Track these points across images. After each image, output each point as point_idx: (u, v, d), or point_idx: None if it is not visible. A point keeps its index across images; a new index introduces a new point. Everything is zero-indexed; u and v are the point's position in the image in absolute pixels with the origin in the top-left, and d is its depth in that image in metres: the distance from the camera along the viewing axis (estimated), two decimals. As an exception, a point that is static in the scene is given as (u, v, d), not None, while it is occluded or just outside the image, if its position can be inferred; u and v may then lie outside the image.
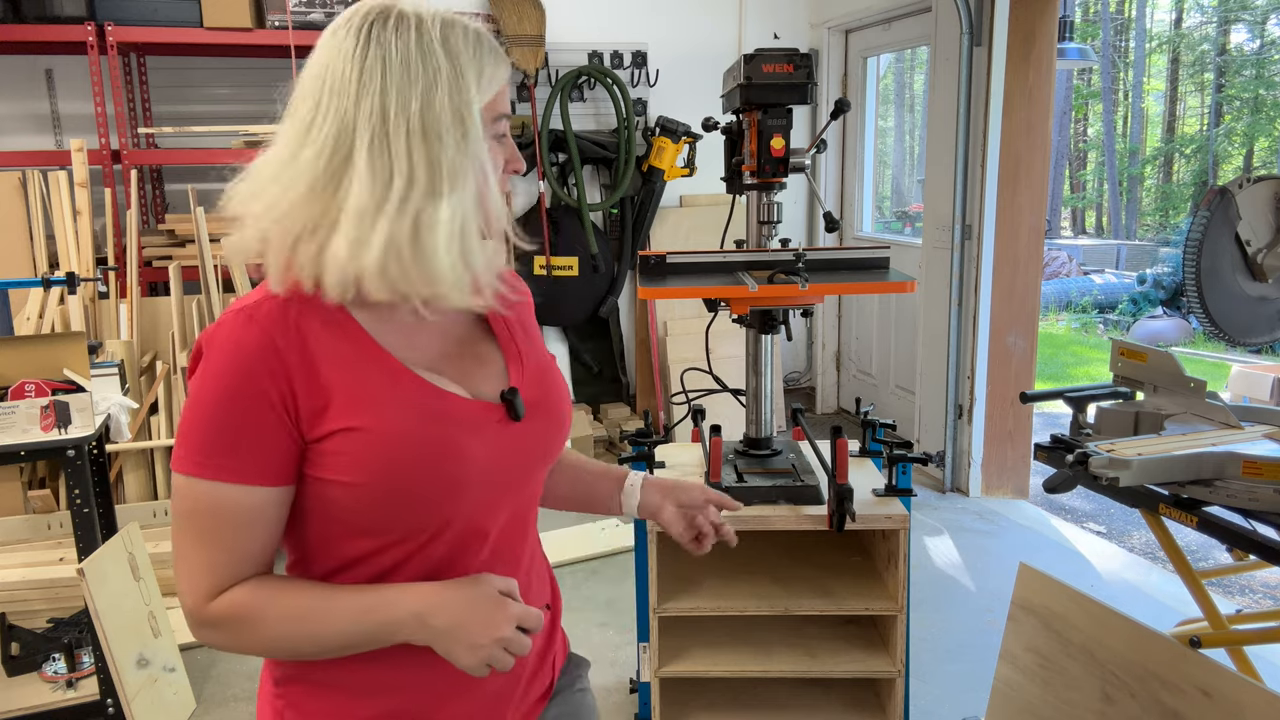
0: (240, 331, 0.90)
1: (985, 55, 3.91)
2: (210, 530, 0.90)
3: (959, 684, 2.69)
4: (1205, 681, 1.55)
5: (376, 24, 0.91)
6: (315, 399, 0.90)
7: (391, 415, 0.91)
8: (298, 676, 1.00)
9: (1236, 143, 19.30)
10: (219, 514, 0.90)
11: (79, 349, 2.52)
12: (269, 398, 0.88)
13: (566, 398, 1.10)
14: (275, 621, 0.91)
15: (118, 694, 2.31)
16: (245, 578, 0.92)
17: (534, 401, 1.02)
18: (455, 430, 0.95)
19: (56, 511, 3.26)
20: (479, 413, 0.98)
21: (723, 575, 2.20)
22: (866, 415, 2.24)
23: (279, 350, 0.89)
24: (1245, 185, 2.11)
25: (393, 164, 0.88)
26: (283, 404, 0.89)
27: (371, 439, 0.90)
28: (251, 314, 0.91)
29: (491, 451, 0.97)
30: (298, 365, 0.90)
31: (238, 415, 0.88)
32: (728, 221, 2.59)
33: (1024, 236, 4.07)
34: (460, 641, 0.90)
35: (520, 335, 1.07)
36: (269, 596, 0.91)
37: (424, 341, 0.99)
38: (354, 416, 0.90)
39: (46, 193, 3.76)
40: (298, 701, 1.00)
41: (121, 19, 3.80)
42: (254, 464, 0.89)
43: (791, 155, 2.13)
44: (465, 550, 0.98)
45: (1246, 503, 1.60)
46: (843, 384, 5.59)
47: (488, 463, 0.97)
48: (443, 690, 1.00)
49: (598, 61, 4.83)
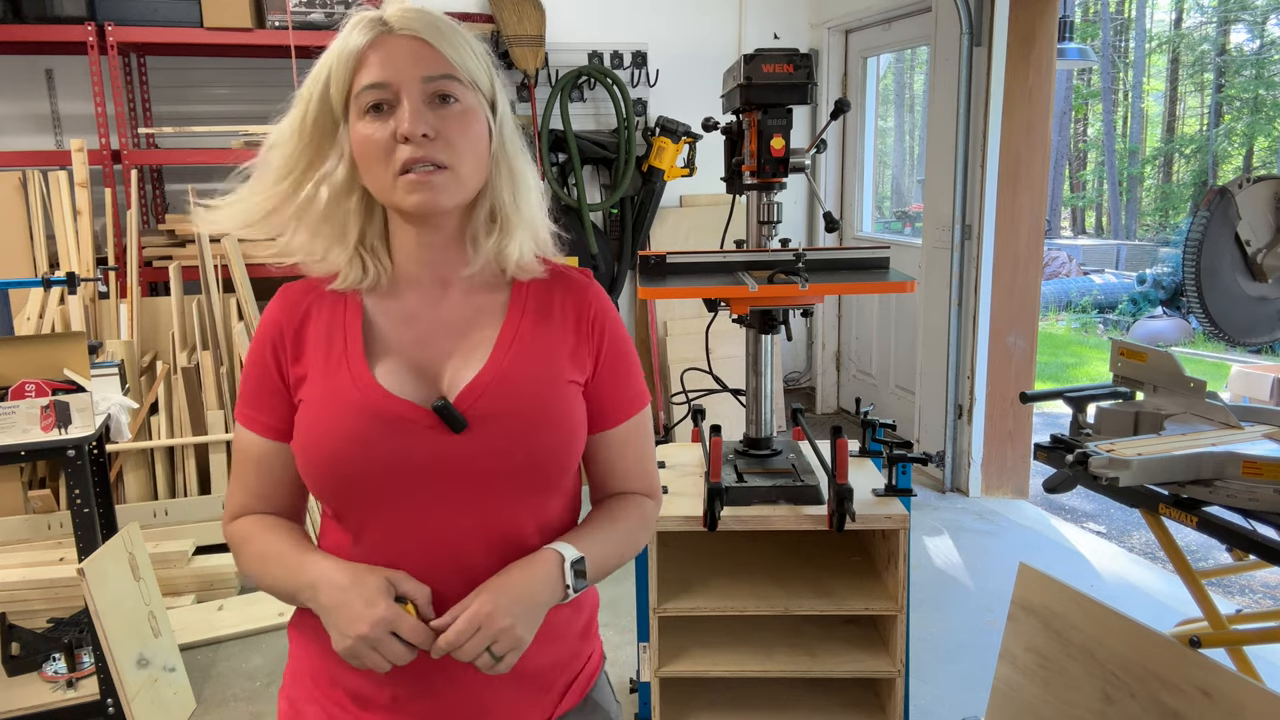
0: (271, 306, 1.07)
1: (985, 55, 3.91)
2: (238, 465, 1.08)
3: (959, 684, 2.69)
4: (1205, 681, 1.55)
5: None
6: (297, 370, 1.03)
7: (325, 396, 1.00)
8: (297, 624, 1.10)
9: (1236, 143, 19.30)
10: (242, 454, 1.07)
11: (79, 349, 2.52)
12: (270, 365, 1.04)
13: (545, 424, 1.01)
14: (251, 556, 1.05)
15: (118, 694, 2.31)
16: (256, 512, 1.07)
17: (489, 415, 0.98)
18: (373, 426, 0.97)
19: (56, 511, 3.26)
20: (406, 414, 0.98)
21: (723, 575, 2.20)
22: (866, 415, 2.24)
23: (281, 326, 1.05)
24: (1245, 185, 2.11)
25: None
26: (279, 372, 1.04)
27: (307, 413, 1.01)
28: (283, 292, 1.08)
29: (418, 457, 0.97)
30: (292, 340, 1.04)
31: (255, 375, 1.05)
32: (728, 221, 2.59)
33: (1024, 236, 4.07)
34: (333, 625, 0.94)
35: (522, 340, 1.03)
36: (255, 534, 1.05)
37: (421, 332, 1.03)
38: (308, 391, 1.02)
39: (46, 193, 3.76)
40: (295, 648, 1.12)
41: (121, 19, 3.80)
42: (262, 417, 1.05)
43: (791, 155, 2.13)
44: (402, 549, 0.99)
45: (1246, 503, 1.60)
46: (843, 384, 5.59)
47: (408, 466, 0.97)
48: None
49: (598, 61, 4.82)
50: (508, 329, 1.04)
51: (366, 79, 0.96)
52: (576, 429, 1.04)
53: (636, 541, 1.11)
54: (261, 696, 2.69)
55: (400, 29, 0.97)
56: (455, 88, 0.97)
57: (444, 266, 1.04)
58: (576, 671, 1.11)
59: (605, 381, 1.08)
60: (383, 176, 0.96)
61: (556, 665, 1.08)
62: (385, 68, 0.96)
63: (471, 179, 1.00)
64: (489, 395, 0.99)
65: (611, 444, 1.11)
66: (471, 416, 0.98)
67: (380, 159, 0.96)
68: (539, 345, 1.04)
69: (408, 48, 0.97)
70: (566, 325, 1.06)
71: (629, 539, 1.10)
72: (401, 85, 0.95)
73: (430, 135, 0.95)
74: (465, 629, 0.92)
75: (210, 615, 3.10)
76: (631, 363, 1.12)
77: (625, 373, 1.10)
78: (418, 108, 0.95)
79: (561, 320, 1.06)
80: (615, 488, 1.13)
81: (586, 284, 1.10)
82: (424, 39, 0.97)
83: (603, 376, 1.08)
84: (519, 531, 1.02)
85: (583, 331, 1.07)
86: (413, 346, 1.02)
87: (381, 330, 1.03)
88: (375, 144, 0.95)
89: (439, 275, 1.05)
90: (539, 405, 1.01)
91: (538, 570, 0.98)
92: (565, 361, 1.05)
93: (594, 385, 1.07)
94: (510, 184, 1.04)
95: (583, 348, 1.06)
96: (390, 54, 0.96)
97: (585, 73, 4.67)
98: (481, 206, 1.04)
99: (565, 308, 1.07)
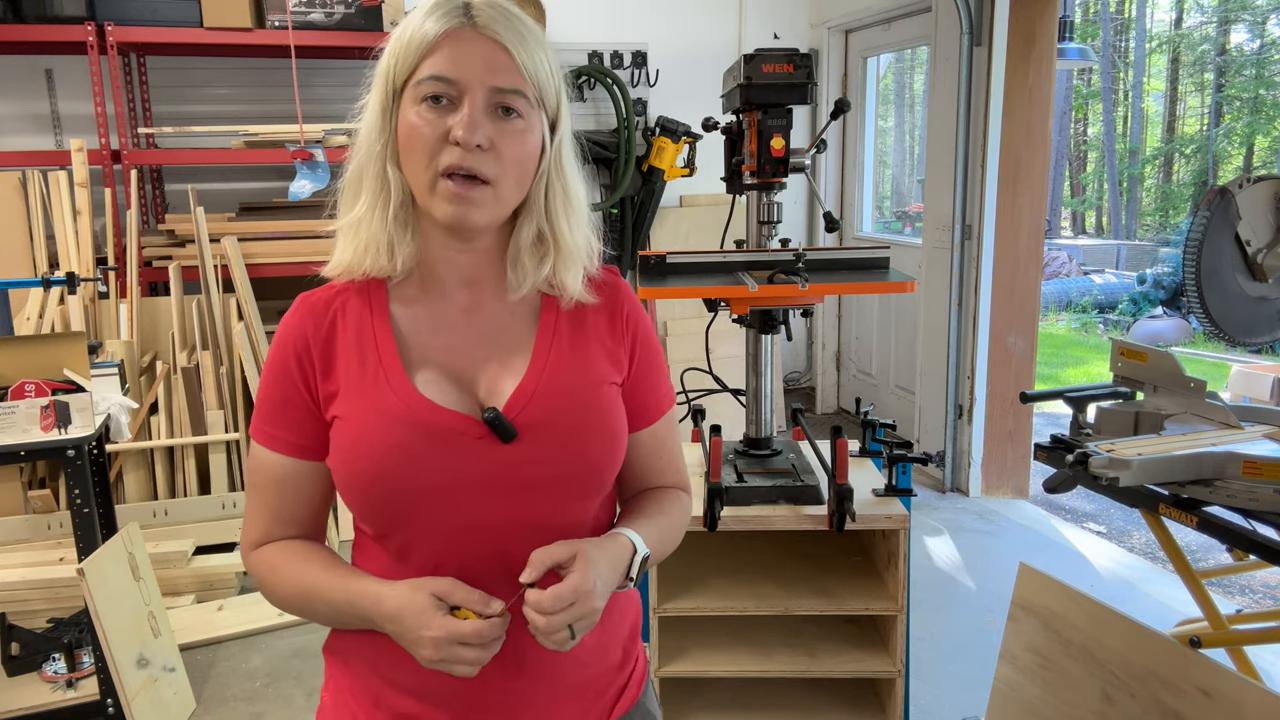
0: (290, 316, 1.01)
1: (985, 55, 3.91)
2: (257, 488, 1.01)
3: (959, 684, 2.69)
4: (1205, 681, 1.55)
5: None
6: (328, 386, 0.97)
7: (364, 410, 0.95)
8: (332, 647, 1.06)
9: (1236, 143, 19.29)
10: (262, 475, 1.01)
11: (79, 349, 2.52)
12: (297, 380, 0.98)
13: (591, 429, 0.99)
14: (285, 585, 0.99)
15: (118, 694, 2.31)
16: (282, 537, 1.02)
17: (536, 423, 0.96)
18: (419, 439, 0.93)
19: (56, 511, 3.26)
20: (455, 426, 0.94)
21: (723, 575, 2.20)
22: (866, 415, 2.24)
23: (307, 338, 0.98)
24: (1245, 185, 2.11)
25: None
26: (306, 388, 0.98)
27: (346, 429, 0.96)
28: (303, 301, 1.01)
29: (467, 468, 0.94)
30: (320, 354, 0.98)
31: (277, 391, 0.99)
32: (728, 221, 2.59)
33: (1024, 236, 4.07)
34: (408, 648, 0.92)
35: (561, 343, 1.01)
36: (286, 563, 0.99)
37: (453, 339, 0.99)
38: (343, 405, 0.96)
39: (46, 193, 3.76)
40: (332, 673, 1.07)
41: (121, 19, 3.79)
42: (286, 436, 0.99)
43: (791, 155, 2.13)
44: (452, 563, 0.96)
45: (1246, 503, 1.60)
46: (843, 384, 5.59)
47: (457, 479, 0.94)
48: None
49: (598, 61, 4.82)
50: (544, 334, 1.01)
51: (433, 68, 0.91)
52: (621, 431, 1.02)
53: (680, 535, 1.11)
54: (261, 696, 2.68)
55: (483, 26, 0.92)
56: (521, 104, 0.93)
57: (476, 269, 1.01)
58: (628, 676, 1.09)
59: (640, 381, 1.06)
60: (422, 173, 0.92)
61: (609, 670, 1.06)
62: (456, 64, 0.91)
63: (510, 197, 0.95)
64: (535, 403, 0.96)
65: (647, 442, 1.09)
66: (519, 425, 0.95)
67: (424, 153, 0.91)
68: (578, 349, 1.01)
69: (485, 50, 0.91)
70: (601, 325, 1.04)
71: (677, 532, 1.10)
72: (468, 87, 0.91)
73: (484, 146, 0.90)
74: (560, 599, 0.87)
75: (210, 615, 3.10)
76: (661, 360, 1.10)
77: (657, 370, 1.09)
78: (478, 114, 0.90)
79: (595, 321, 1.04)
80: (651, 483, 1.12)
81: (616, 282, 1.07)
82: (504, 43, 0.92)
83: (637, 376, 1.06)
84: (570, 534, 0.99)
85: (617, 331, 1.05)
86: (446, 354, 0.99)
87: (412, 338, 0.99)
88: (423, 137, 0.91)
89: (468, 276, 1.01)
90: (585, 411, 0.99)
91: (617, 553, 0.96)
92: (604, 363, 1.03)
93: (630, 384, 1.05)
94: (565, 207, 1.00)
95: (619, 347, 1.04)
96: (465, 51, 0.91)
97: (585, 72, 4.66)
98: (527, 226, 0.99)
99: (598, 308, 1.04)
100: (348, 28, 3.96)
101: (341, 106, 4.71)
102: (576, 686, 1.02)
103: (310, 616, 1.00)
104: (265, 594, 1.02)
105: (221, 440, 3.55)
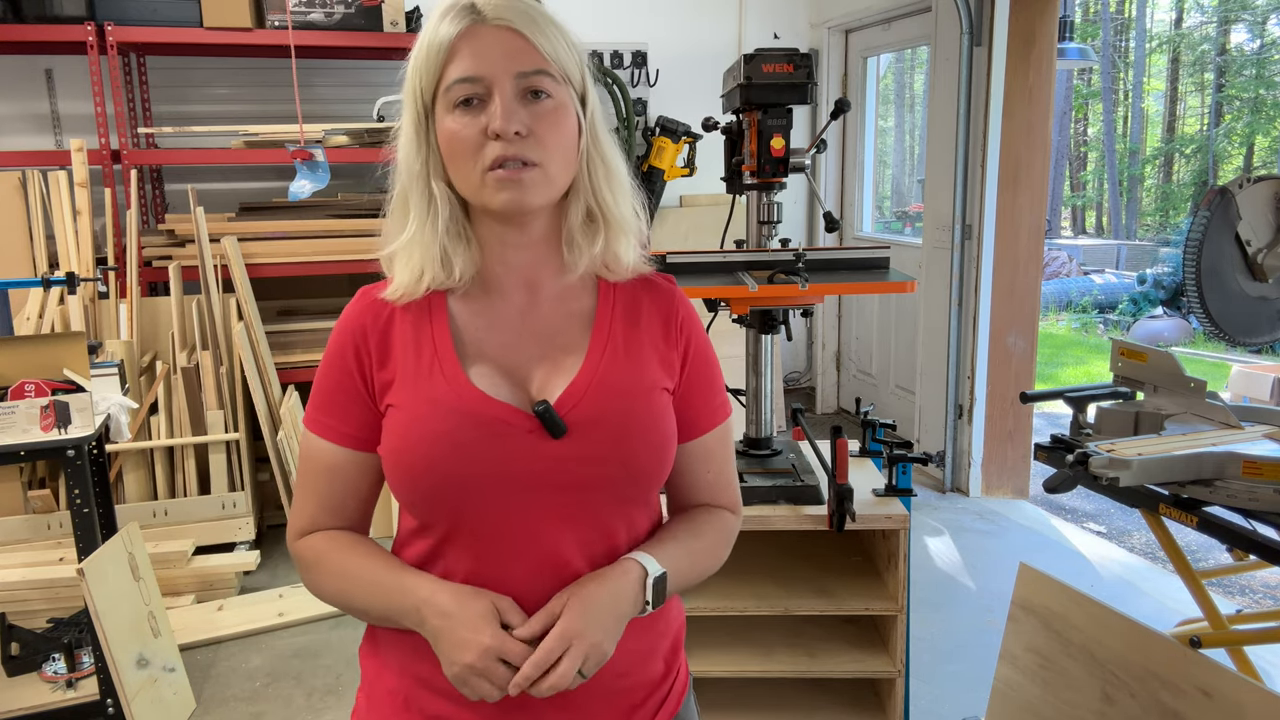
0: (349, 309, 1.02)
1: (985, 55, 3.91)
2: (307, 476, 1.03)
3: (959, 684, 2.69)
4: (1205, 681, 1.55)
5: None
6: (384, 375, 0.99)
7: (418, 400, 0.96)
8: (367, 648, 1.07)
9: (1236, 143, 19.29)
10: (313, 463, 1.02)
11: (79, 349, 2.52)
12: (353, 370, 1.00)
13: (640, 431, 0.98)
14: (329, 576, 1.00)
15: (117, 694, 2.31)
16: (328, 527, 1.03)
17: (587, 421, 0.96)
18: (468, 428, 0.94)
19: (56, 511, 3.26)
20: (506, 418, 0.95)
21: (723, 575, 2.19)
22: (866, 415, 2.24)
23: (365, 330, 1.00)
24: (1245, 185, 2.11)
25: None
26: (362, 377, 0.99)
27: (399, 417, 0.97)
28: (364, 294, 1.03)
29: (515, 461, 0.94)
30: (377, 345, 0.99)
31: (333, 380, 1.01)
32: (728, 221, 2.59)
33: (1024, 236, 4.07)
34: (440, 651, 0.92)
35: (615, 345, 1.01)
36: (331, 552, 1.00)
37: (509, 337, 1.00)
38: (398, 395, 0.98)
39: (46, 193, 3.76)
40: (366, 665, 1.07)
41: (121, 19, 3.79)
42: (339, 425, 1.00)
43: (791, 155, 2.13)
44: (495, 557, 0.95)
45: (1246, 503, 1.60)
46: (843, 384, 5.59)
47: (505, 471, 0.94)
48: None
49: (598, 61, 4.82)
50: (599, 334, 1.01)
51: (457, 72, 0.92)
52: (670, 437, 1.02)
53: (717, 558, 1.08)
54: (261, 696, 2.68)
55: (493, 19, 0.93)
56: (548, 83, 0.94)
57: (532, 268, 1.01)
58: (667, 690, 1.07)
59: (691, 389, 1.05)
60: (471, 174, 0.93)
61: (649, 683, 1.05)
62: (477, 61, 0.92)
63: (560, 177, 0.96)
64: (587, 401, 0.97)
65: (696, 454, 1.07)
66: (570, 422, 0.95)
67: (469, 155, 0.93)
68: (631, 351, 1.01)
69: (501, 39, 0.93)
70: (655, 331, 1.04)
71: (709, 555, 1.07)
72: (494, 80, 0.92)
73: (522, 133, 0.91)
74: (555, 647, 0.89)
75: (210, 615, 3.10)
76: (715, 371, 1.09)
77: (710, 381, 1.08)
78: (510, 104, 0.92)
79: (649, 326, 1.04)
80: (698, 499, 1.10)
81: (672, 289, 1.07)
82: (517, 29, 0.93)
83: (689, 384, 1.05)
84: (612, 539, 0.99)
85: (671, 338, 1.04)
86: (501, 350, 0.99)
87: (469, 333, 1.00)
88: (464, 140, 0.92)
89: (526, 277, 1.01)
90: (635, 412, 0.98)
91: (620, 582, 0.95)
92: (656, 368, 1.02)
93: (681, 393, 1.05)
94: (608, 180, 1.00)
95: (672, 354, 1.04)
96: (483, 46, 0.92)
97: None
98: (576, 206, 1.00)
99: (652, 313, 1.04)
100: (348, 28, 3.96)
101: (342, 106, 4.72)
102: (613, 694, 1.01)
103: (349, 607, 1.00)
104: (306, 582, 1.03)
105: (221, 440, 3.55)
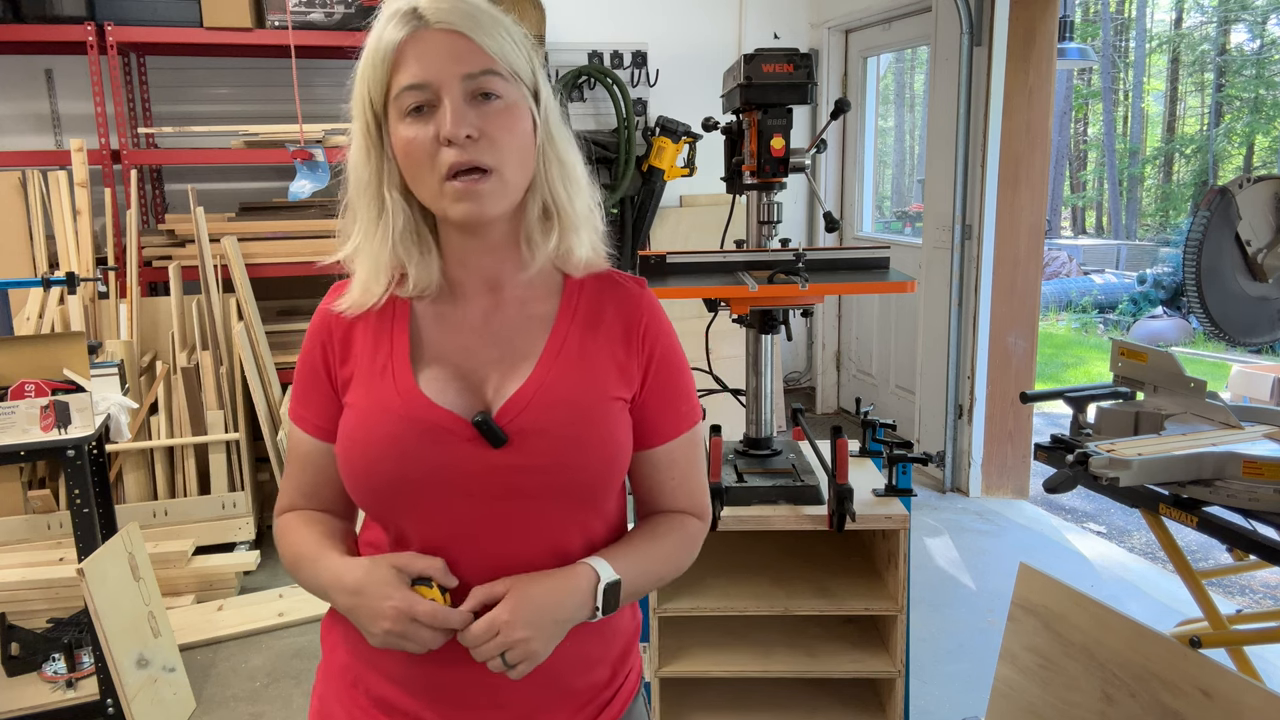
0: (322, 304, 1.06)
1: (985, 55, 3.91)
2: (289, 462, 1.08)
3: (959, 684, 2.69)
4: (1205, 681, 1.55)
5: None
6: (344, 372, 1.02)
7: (369, 401, 0.98)
8: (325, 625, 1.10)
9: (1236, 143, 19.28)
10: (292, 450, 1.08)
11: (79, 349, 2.52)
12: (319, 365, 1.03)
13: (587, 442, 0.97)
14: (289, 552, 1.04)
15: (117, 694, 2.31)
16: (301, 509, 1.08)
17: (530, 430, 0.95)
18: (411, 435, 0.95)
19: (56, 511, 3.26)
20: (447, 425, 0.95)
21: (723, 575, 2.20)
22: (866, 415, 2.24)
23: (331, 326, 1.03)
24: (1245, 185, 2.11)
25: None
26: (327, 373, 1.03)
27: (349, 417, 0.99)
28: (334, 291, 1.05)
29: (456, 469, 0.94)
30: (340, 342, 1.02)
31: (306, 374, 1.04)
32: (728, 221, 2.59)
33: (1024, 236, 4.07)
34: (359, 624, 0.94)
35: (569, 352, 1.00)
36: (294, 530, 1.05)
37: (469, 340, 1.00)
38: (353, 394, 1.00)
39: (46, 193, 3.76)
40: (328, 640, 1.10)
41: (121, 19, 3.79)
42: (311, 417, 1.04)
43: (791, 155, 2.13)
44: (447, 560, 0.95)
45: (1246, 503, 1.60)
46: (843, 384, 5.59)
47: (446, 478, 0.94)
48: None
49: (598, 61, 4.82)
50: (554, 340, 1.00)
51: (404, 80, 0.92)
52: (620, 448, 1.00)
53: (678, 563, 1.08)
54: (261, 696, 2.68)
55: (436, 22, 0.92)
56: (497, 83, 0.93)
57: (494, 270, 1.01)
58: (615, 690, 1.08)
59: (653, 398, 1.04)
60: (429, 182, 0.93)
61: (595, 686, 1.05)
62: (423, 66, 0.91)
63: (517, 180, 0.95)
64: (531, 410, 0.96)
65: (658, 462, 1.06)
66: (512, 431, 0.94)
67: (425, 163, 0.92)
68: (585, 359, 1.00)
69: (445, 43, 0.92)
70: (614, 338, 1.02)
71: (670, 560, 1.07)
72: (441, 84, 0.91)
73: (474, 135, 0.91)
74: (481, 633, 0.91)
75: (210, 615, 3.10)
76: (682, 378, 1.08)
77: (675, 389, 1.06)
78: (459, 108, 0.91)
79: (609, 332, 1.02)
80: (661, 506, 1.09)
81: (639, 294, 1.06)
82: (461, 32, 0.92)
83: (650, 393, 1.04)
84: (564, 546, 0.99)
85: (632, 345, 1.03)
86: (459, 354, 0.99)
87: (429, 336, 1.00)
88: (419, 147, 0.92)
89: (487, 278, 1.01)
90: (581, 423, 0.97)
91: (568, 585, 0.95)
92: (612, 376, 1.01)
93: (641, 401, 1.03)
94: (562, 176, 1.00)
95: (631, 362, 1.02)
96: (427, 51, 0.91)
97: (585, 72, 4.66)
98: (533, 204, 0.99)
99: (615, 320, 1.03)
100: (348, 28, 3.96)
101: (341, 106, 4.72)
102: (555, 695, 1.02)
103: (300, 580, 1.03)
104: (280, 557, 1.07)
105: (221, 440, 3.55)
